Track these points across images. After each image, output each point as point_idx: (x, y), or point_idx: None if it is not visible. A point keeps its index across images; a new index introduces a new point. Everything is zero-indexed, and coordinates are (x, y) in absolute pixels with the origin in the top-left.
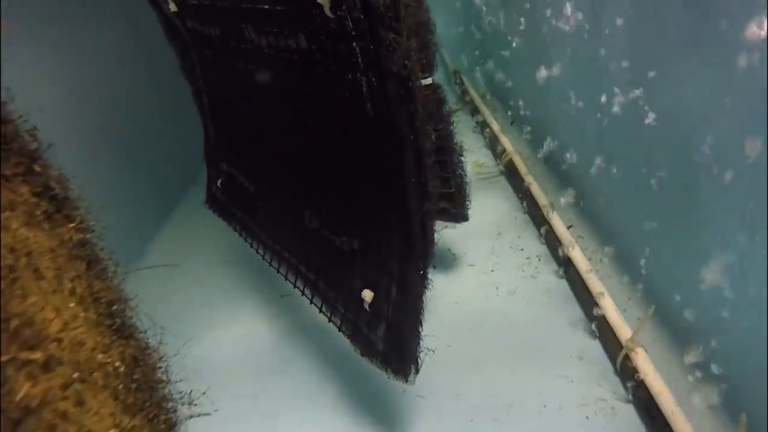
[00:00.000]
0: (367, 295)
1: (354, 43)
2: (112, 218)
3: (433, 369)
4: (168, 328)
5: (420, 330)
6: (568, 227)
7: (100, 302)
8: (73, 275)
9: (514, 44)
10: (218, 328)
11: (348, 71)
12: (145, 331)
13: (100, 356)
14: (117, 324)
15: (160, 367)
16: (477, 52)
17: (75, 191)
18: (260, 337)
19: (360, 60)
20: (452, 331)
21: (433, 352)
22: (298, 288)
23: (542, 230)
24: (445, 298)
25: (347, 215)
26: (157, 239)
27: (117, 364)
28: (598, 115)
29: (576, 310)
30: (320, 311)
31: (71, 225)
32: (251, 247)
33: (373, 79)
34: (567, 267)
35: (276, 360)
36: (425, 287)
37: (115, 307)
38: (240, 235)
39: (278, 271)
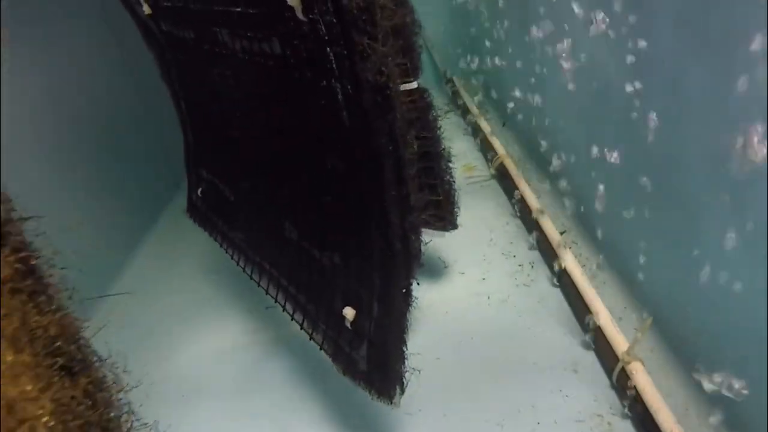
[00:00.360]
0: (349, 312)
1: (328, 48)
2: (98, 223)
3: (422, 383)
4: (143, 346)
5: (404, 349)
6: (561, 233)
7: (38, 340)
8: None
9: (509, 44)
10: (198, 343)
11: (323, 78)
12: (104, 361)
13: (29, 407)
14: (60, 362)
15: (120, 399)
16: (469, 53)
17: (18, 212)
18: (241, 352)
19: (334, 66)
20: (442, 343)
21: (419, 372)
22: (279, 302)
23: (534, 236)
24: (435, 308)
25: (327, 228)
26: (141, 246)
27: (46, 419)
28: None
29: (570, 320)
30: (301, 327)
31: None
32: (231, 258)
33: (349, 87)
34: (560, 274)
35: (257, 375)
36: (409, 305)
37: (58, 343)
38: (221, 245)
39: (259, 284)
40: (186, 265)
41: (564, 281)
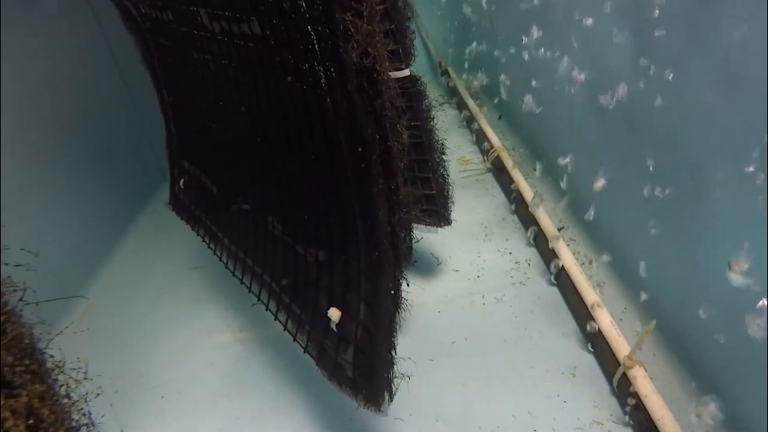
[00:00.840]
0: (334, 313)
1: (309, 27)
2: (78, 216)
3: (414, 387)
4: (120, 347)
5: (393, 354)
6: (559, 229)
7: None
8: None
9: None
10: (179, 342)
11: (305, 60)
12: (62, 368)
13: None
14: None
15: (81, 410)
16: (465, 43)
17: None
18: (226, 351)
19: (317, 47)
20: (434, 344)
21: (409, 378)
22: (262, 301)
23: (531, 233)
24: (427, 307)
25: (311, 223)
26: (123, 240)
27: None
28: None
29: (569, 321)
30: (285, 328)
31: None
32: (214, 253)
33: (332, 70)
34: (558, 273)
35: (242, 377)
36: (397, 307)
37: None
38: (203, 239)
39: (242, 281)
40: (169, 260)
41: (562, 280)
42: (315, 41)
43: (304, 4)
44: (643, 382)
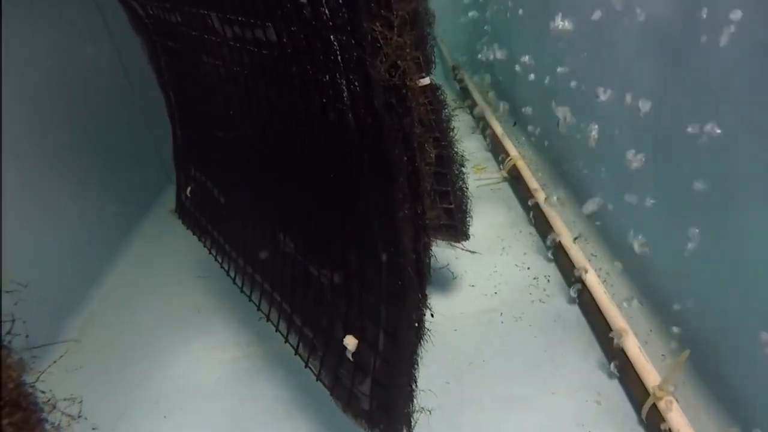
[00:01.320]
0: (350, 342)
1: (332, 37)
2: (79, 221)
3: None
4: (120, 362)
5: (413, 387)
6: (575, 238)
7: None
8: None
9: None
10: (184, 357)
11: (325, 72)
12: (54, 406)
13: None
14: None
15: None
16: (479, 44)
17: None
18: (232, 368)
19: (339, 58)
20: (450, 364)
21: (430, 412)
22: (271, 321)
23: (551, 247)
24: (442, 325)
25: (326, 243)
26: (126, 247)
27: None
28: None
29: (592, 343)
30: (296, 352)
31: None
32: (221, 266)
33: (356, 83)
34: (579, 291)
35: (248, 395)
36: (420, 338)
37: None
38: (210, 251)
39: (250, 299)
40: (174, 268)
41: (583, 298)
42: (338, 52)
43: (327, 11)
44: (675, 415)
